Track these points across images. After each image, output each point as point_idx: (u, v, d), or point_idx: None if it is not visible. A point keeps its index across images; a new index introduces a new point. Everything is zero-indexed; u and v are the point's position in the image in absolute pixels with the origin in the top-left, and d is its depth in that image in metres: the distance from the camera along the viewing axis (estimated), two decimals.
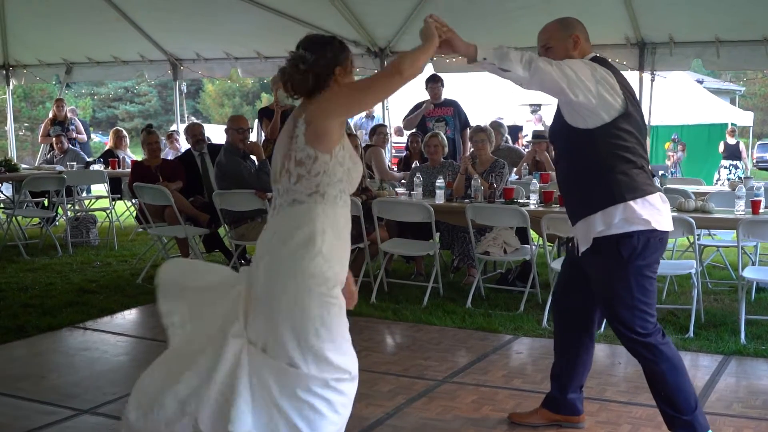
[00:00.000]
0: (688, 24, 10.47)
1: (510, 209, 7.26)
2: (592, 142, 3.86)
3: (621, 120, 3.83)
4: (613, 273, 3.94)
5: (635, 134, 3.89)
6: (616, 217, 3.85)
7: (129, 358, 6.09)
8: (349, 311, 7.17)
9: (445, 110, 10.66)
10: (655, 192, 3.93)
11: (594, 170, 3.90)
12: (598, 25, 10.67)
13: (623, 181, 3.85)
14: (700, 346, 6.21)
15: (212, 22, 12.16)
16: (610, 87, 3.80)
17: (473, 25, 11.06)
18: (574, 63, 3.83)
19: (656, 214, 3.89)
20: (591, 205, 3.91)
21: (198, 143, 9.38)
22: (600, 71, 3.82)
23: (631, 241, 3.87)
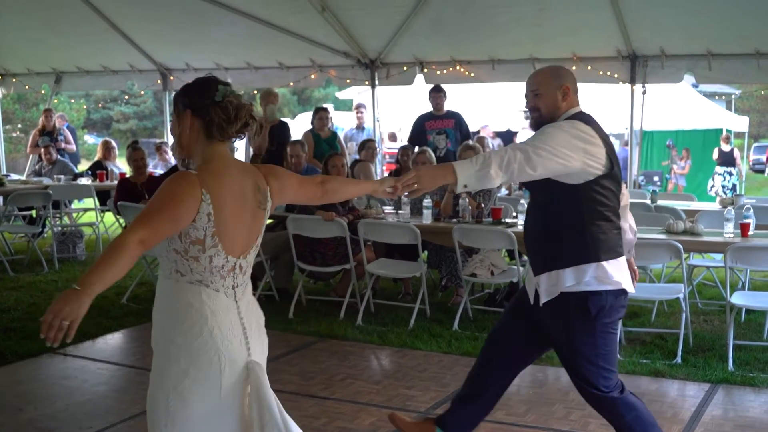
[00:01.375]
0: (680, 37, 10.42)
1: (497, 231, 7.19)
2: (575, 197, 3.79)
3: (605, 178, 3.78)
4: (579, 330, 3.87)
5: (615, 193, 3.86)
6: (588, 275, 3.79)
7: (108, 388, 6.00)
8: (334, 335, 7.12)
9: (447, 122, 10.55)
10: (623, 255, 3.93)
11: (572, 225, 3.83)
12: (589, 38, 10.70)
13: (600, 240, 3.80)
14: (687, 373, 6.14)
15: (202, 32, 12.09)
16: (593, 147, 3.73)
17: (463, 37, 11.06)
18: (553, 136, 3.71)
19: (625, 276, 3.89)
20: (564, 259, 3.84)
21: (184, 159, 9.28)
22: (582, 132, 3.74)
23: (600, 300, 3.81)
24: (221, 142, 3.09)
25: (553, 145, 3.66)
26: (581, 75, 11.04)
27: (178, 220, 2.90)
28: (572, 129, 3.74)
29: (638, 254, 6.76)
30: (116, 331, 7.36)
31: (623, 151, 21.26)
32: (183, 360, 2.97)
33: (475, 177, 3.64)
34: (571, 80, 3.98)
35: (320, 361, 6.55)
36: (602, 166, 3.75)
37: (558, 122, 3.84)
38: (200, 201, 2.92)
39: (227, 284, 3.03)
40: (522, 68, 11.41)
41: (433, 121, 10.57)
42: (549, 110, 3.91)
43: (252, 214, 3.09)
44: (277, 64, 12.61)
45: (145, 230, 2.81)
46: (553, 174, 3.70)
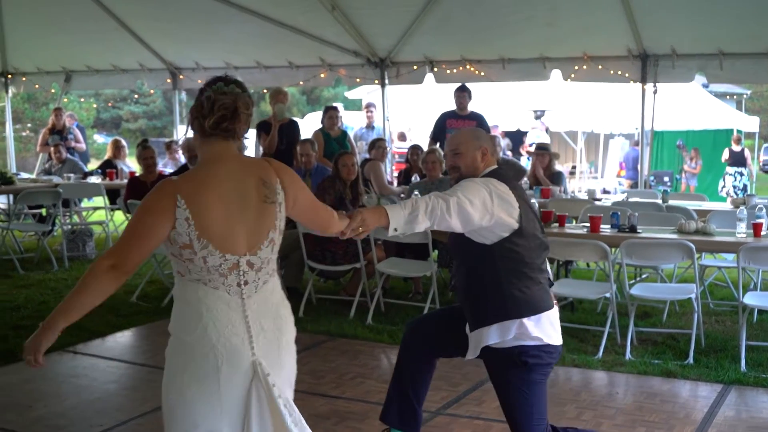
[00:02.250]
0: (691, 36, 10.37)
1: None
2: (490, 257, 3.93)
3: (518, 236, 3.90)
4: (511, 383, 3.98)
5: (533, 248, 3.96)
6: (511, 333, 3.90)
7: (118, 386, 5.99)
8: (345, 334, 7.11)
9: (469, 123, 10.47)
10: (550, 308, 3.99)
11: (491, 284, 3.95)
12: (600, 37, 10.66)
13: (519, 298, 3.91)
14: (699, 374, 6.10)
15: (212, 31, 12.09)
16: (507, 204, 3.88)
17: (474, 36, 11.03)
18: (470, 188, 3.87)
19: (550, 330, 3.97)
20: (486, 317, 3.95)
21: (193, 158, 9.27)
22: (497, 189, 3.90)
23: (524, 354, 3.92)
24: (220, 139, 3.05)
25: (468, 196, 3.81)
26: (592, 74, 11.11)
27: (152, 236, 2.95)
28: (487, 185, 3.90)
29: (650, 254, 6.80)
30: (126, 330, 7.36)
31: (633, 152, 21.25)
32: (181, 356, 3.00)
33: (404, 221, 3.74)
34: (490, 143, 4.19)
35: (330, 360, 6.53)
36: (515, 222, 3.88)
37: (476, 178, 4.02)
38: (174, 209, 2.92)
39: (229, 282, 3.00)
40: (533, 68, 11.40)
41: (455, 120, 10.52)
42: (468, 169, 4.08)
43: (256, 209, 3.05)
44: (286, 63, 12.59)
45: (115, 256, 2.92)
46: (466, 224, 3.81)
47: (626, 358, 6.46)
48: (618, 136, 24.18)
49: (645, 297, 7.17)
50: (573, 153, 23.65)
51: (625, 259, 6.67)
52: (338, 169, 7.96)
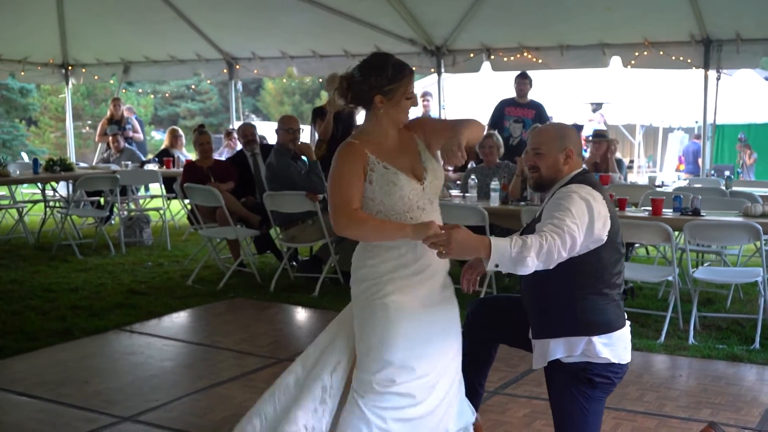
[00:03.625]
0: (756, 21, 10.11)
1: None
2: (569, 270, 3.54)
3: (601, 249, 3.58)
4: (571, 396, 3.70)
5: (613, 261, 3.65)
6: (579, 350, 3.61)
7: (173, 364, 5.98)
8: None
9: (527, 112, 10.34)
10: (622, 326, 3.69)
11: (563, 298, 3.64)
12: (662, 22, 10.44)
13: (592, 315, 3.60)
14: (766, 358, 5.92)
15: (268, 20, 12.10)
16: (601, 218, 3.54)
17: (532, 22, 10.90)
18: (575, 210, 3.46)
19: (620, 350, 3.67)
20: (553, 330, 3.67)
21: (249, 143, 9.29)
22: (596, 203, 3.54)
23: (591, 373, 3.64)
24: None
25: (576, 221, 3.44)
26: (653, 61, 10.89)
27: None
28: (588, 200, 3.52)
29: (714, 236, 6.63)
30: (182, 311, 7.35)
31: (693, 145, 20.87)
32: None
33: (509, 260, 3.30)
34: (576, 142, 3.79)
35: None
36: (605, 236, 3.56)
37: (569, 187, 3.61)
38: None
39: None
40: (592, 54, 11.22)
41: (513, 108, 10.37)
42: (549, 171, 3.75)
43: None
44: (342, 52, 12.54)
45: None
46: (571, 252, 3.45)
47: (689, 342, 6.29)
48: (677, 130, 23.78)
49: (709, 280, 6.99)
50: (631, 147, 23.35)
51: (688, 240, 6.50)
52: None
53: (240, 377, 5.57)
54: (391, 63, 3.58)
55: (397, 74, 3.53)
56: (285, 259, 8.42)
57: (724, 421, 4.71)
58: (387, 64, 3.57)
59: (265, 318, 7.19)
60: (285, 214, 8.09)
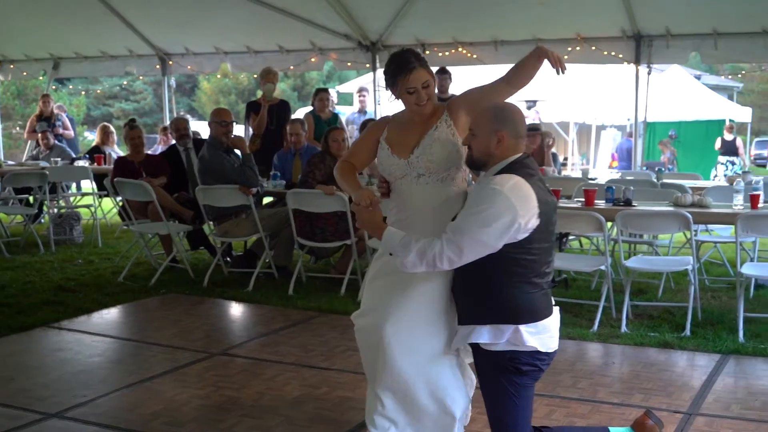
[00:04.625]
0: (686, 16, 10.29)
1: None
2: (496, 259, 3.53)
3: (529, 241, 3.51)
4: (500, 386, 3.68)
5: (543, 251, 3.59)
6: (504, 337, 3.58)
7: (103, 360, 5.84)
8: (335, 310, 6.99)
9: None
10: (549, 315, 3.65)
11: (491, 286, 3.60)
12: (594, 18, 10.54)
13: (519, 304, 3.56)
14: (697, 344, 5.99)
15: (202, 16, 11.95)
16: (529, 214, 3.46)
17: (466, 18, 10.91)
18: (488, 216, 3.42)
19: (546, 338, 3.64)
20: (480, 317, 3.64)
21: (182, 138, 9.13)
22: (519, 199, 3.45)
23: (518, 362, 3.62)
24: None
25: (484, 228, 3.43)
26: (586, 56, 11.01)
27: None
28: (511, 200, 3.43)
29: (646, 225, 6.70)
30: (112, 307, 7.21)
31: (626, 142, 21.15)
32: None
33: (395, 254, 3.60)
34: (511, 126, 3.60)
35: (321, 335, 6.40)
36: (533, 226, 3.49)
37: (495, 179, 3.52)
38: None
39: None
40: (526, 49, 10.95)
41: None
42: (480, 154, 3.65)
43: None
44: (277, 48, 12.46)
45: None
46: (475, 255, 3.49)
47: (621, 331, 6.34)
48: (610, 128, 24.14)
49: (641, 269, 7.06)
50: (565, 144, 23.60)
51: (620, 230, 6.57)
52: (328, 144, 7.82)
53: (171, 372, 5.47)
54: (393, 61, 3.92)
55: (396, 71, 3.87)
56: (218, 255, 8.31)
57: (656, 405, 4.75)
58: (391, 62, 3.93)
59: (197, 313, 7.08)
60: (218, 209, 7.98)
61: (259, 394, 5.01)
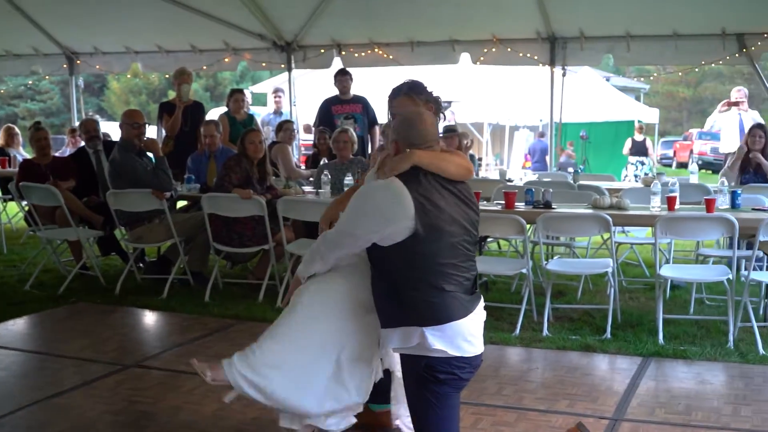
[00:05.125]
0: (599, 19, 10.37)
1: None
2: (387, 260, 3.61)
3: (414, 240, 3.51)
4: (421, 395, 3.64)
5: (437, 251, 3.54)
6: (413, 341, 3.55)
7: (7, 374, 5.55)
8: (254, 317, 6.81)
9: (354, 107, 10.31)
10: (459, 318, 3.56)
11: (390, 288, 3.62)
12: (509, 20, 10.57)
13: (419, 306, 3.53)
14: (618, 347, 6.00)
15: (111, 13, 11.56)
16: (396, 211, 3.52)
17: (382, 18, 10.82)
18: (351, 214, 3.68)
19: (460, 342, 3.57)
20: (389, 320, 3.65)
21: (92, 139, 8.82)
22: (392, 202, 3.53)
23: (434, 370, 3.57)
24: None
25: (347, 228, 3.70)
26: (501, 58, 11.04)
27: None
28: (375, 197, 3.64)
29: (567, 227, 6.70)
30: (18, 318, 6.89)
31: (539, 143, 21.41)
32: None
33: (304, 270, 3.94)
34: (402, 136, 3.72)
35: (240, 344, 6.07)
36: (408, 229, 3.51)
37: (371, 184, 3.75)
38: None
39: None
40: (442, 50, 11.24)
41: (339, 106, 10.32)
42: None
43: None
44: (189, 48, 12.16)
45: None
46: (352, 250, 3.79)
47: (543, 334, 6.32)
48: (523, 128, 24.37)
49: (562, 272, 7.06)
50: (479, 145, 23.72)
51: (541, 233, 6.56)
52: (245, 147, 7.63)
53: (81, 386, 5.23)
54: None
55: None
56: (131, 261, 8.04)
57: (581, 411, 4.73)
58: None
59: (110, 323, 6.82)
60: (131, 214, 7.72)
61: (175, 409, 4.82)
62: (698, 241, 7.87)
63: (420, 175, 3.60)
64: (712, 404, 4.87)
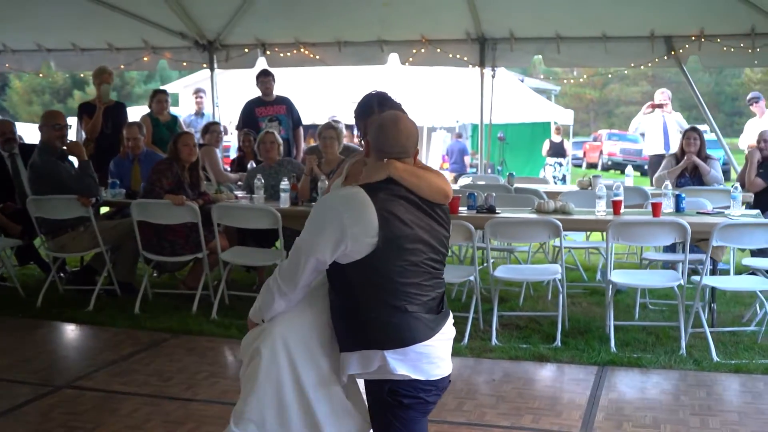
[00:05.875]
0: (529, 20, 10.28)
1: None
2: (345, 278, 3.25)
3: (375, 258, 3.17)
4: (386, 421, 3.34)
5: (399, 273, 3.20)
6: (374, 365, 3.23)
7: None
8: (189, 330, 6.47)
9: (278, 108, 10.02)
10: (421, 340, 3.23)
11: (348, 308, 3.28)
12: (439, 20, 10.42)
13: (378, 328, 3.21)
14: (571, 356, 5.87)
15: (21, 9, 10.97)
16: (357, 222, 3.15)
17: (309, 17, 10.55)
18: (309, 232, 3.24)
19: (424, 365, 3.26)
20: (346, 343, 3.31)
21: (8, 142, 8.29)
22: (348, 203, 3.19)
23: (398, 395, 3.27)
24: None
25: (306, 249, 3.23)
26: (431, 58, 10.89)
27: None
28: (337, 211, 3.19)
29: (516, 233, 6.55)
30: None
31: (457, 144, 21.43)
32: None
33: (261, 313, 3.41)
34: (374, 135, 3.31)
35: (177, 359, 5.88)
36: (369, 246, 3.15)
37: (331, 194, 3.40)
38: None
39: None
40: (369, 51, 11.01)
41: (263, 108, 10.02)
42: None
43: None
44: (106, 46, 11.64)
45: None
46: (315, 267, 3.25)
47: (492, 343, 6.15)
48: (440, 129, 24.34)
49: (510, 279, 6.91)
50: None
51: (489, 239, 6.38)
52: (177, 150, 7.26)
53: (8, 412, 4.84)
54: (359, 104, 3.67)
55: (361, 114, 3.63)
56: (53, 271, 7.60)
57: (547, 426, 4.58)
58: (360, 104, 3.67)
59: (34, 339, 6.40)
60: (53, 221, 7.29)
61: None
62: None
63: (391, 188, 3.26)
64: (678, 416, 4.76)
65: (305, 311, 3.40)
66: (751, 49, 9.81)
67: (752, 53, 9.83)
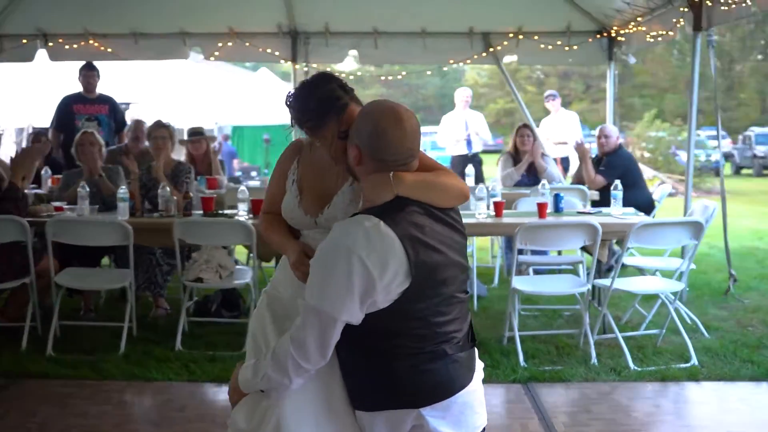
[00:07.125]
0: (345, 13, 9.76)
1: (235, 224, 5.85)
2: (367, 324, 2.49)
3: (407, 299, 2.48)
4: None
5: (434, 311, 2.52)
6: (406, 426, 2.56)
7: None
8: (28, 373, 5.33)
9: (100, 108, 8.95)
10: (461, 387, 2.57)
11: (376, 358, 2.54)
12: (249, 12, 9.65)
13: (412, 383, 2.52)
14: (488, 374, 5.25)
15: None
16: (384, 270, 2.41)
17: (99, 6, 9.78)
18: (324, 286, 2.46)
19: (466, 417, 2.60)
20: (369, 401, 2.60)
21: None
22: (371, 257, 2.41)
23: None
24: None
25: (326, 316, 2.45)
26: (239, 53, 10.19)
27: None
28: (351, 261, 2.41)
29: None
30: None
31: (226, 146, 20.47)
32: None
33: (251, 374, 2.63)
34: (365, 140, 2.55)
35: (32, 412, 4.76)
36: (402, 285, 2.45)
37: (339, 232, 2.50)
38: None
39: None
40: (170, 44, 10.02)
41: (83, 105, 8.91)
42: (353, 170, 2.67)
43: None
44: None
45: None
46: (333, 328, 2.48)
47: None
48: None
49: None
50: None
51: None
52: None
53: None
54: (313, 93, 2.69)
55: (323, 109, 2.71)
56: None
57: None
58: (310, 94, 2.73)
59: None
60: None
61: None
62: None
63: (406, 207, 2.51)
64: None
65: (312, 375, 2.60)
66: (568, 47, 9.88)
67: (568, 51, 9.90)
